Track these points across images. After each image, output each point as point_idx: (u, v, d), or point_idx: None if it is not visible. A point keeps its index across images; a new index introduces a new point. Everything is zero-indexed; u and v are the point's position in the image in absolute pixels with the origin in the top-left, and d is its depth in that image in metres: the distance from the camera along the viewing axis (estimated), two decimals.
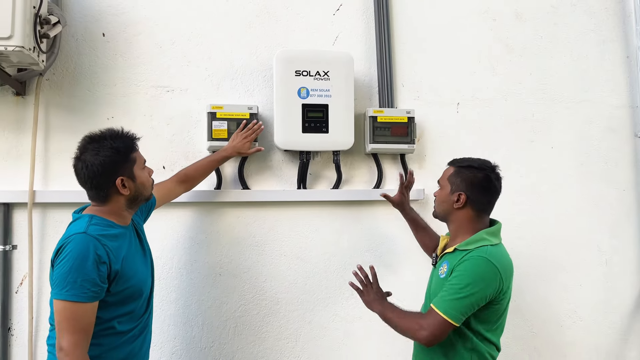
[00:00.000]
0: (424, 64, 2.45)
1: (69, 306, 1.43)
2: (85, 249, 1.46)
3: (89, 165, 1.54)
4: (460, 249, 1.65)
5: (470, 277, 1.54)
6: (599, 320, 2.50)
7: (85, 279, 1.44)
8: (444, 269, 1.67)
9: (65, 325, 1.43)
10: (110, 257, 1.50)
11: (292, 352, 2.25)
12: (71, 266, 1.44)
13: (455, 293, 1.54)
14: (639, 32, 2.62)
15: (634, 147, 2.60)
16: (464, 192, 1.68)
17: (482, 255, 1.57)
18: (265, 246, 2.26)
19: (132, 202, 1.65)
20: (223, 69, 2.29)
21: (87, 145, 1.58)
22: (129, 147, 1.63)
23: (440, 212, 1.77)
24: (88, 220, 1.55)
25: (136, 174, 1.62)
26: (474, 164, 1.72)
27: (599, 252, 2.52)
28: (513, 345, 2.42)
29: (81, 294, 1.43)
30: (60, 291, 1.44)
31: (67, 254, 1.46)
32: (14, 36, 1.77)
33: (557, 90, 2.55)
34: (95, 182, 1.56)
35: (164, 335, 2.16)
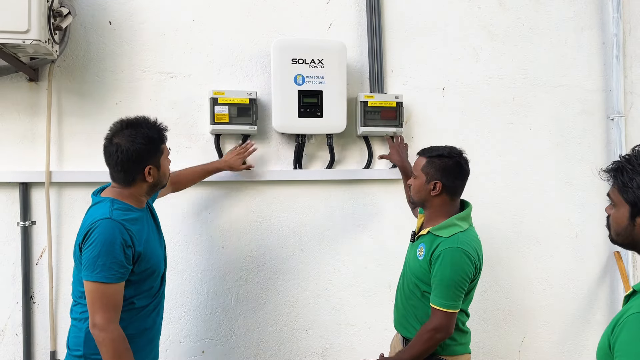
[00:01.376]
0: (412, 50, 2.60)
1: (100, 287, 1.56)
2: (112, 234, 1.57)
3: (124, 150, 1.63)
4: (434, 233, 1.84)
5: (451, 269, 1.74)
6: (568, 287, 2.75)
7: (113, 262, 1.56)
8: (422, 251, 1.87)
9: (99, 304, 1.55)
10: (134, 241, 1.63)
11: (289, 317, 2.48)
12: (100, 250, 1.55)
13: (445, 288, 1.75)
14: (615, 20, 2.77)
15: (606, 128, 2.79)
16: (440, 181, 1.85)
17: (455, 246, 1.76)
18: (265, 221, 2.45)
19: (152, 189, 1.76)
20: (223, 55, 2.43)
21: (123, 130, 1.67)
22: (161, 138, 1.74)
23: (418, 200, 1.94)
24: (110, 205, 1.64)
25: (162, 164, 1.74)
26: (444, 153, 1.89)
27: (569, 225, 2.74)
28: (489, 310, 2.67)
29: (111, 275, 1.56)
30: (92, 273, 1.55)
31: (96, 238, 1.57)
32: (31, 30, 1.89)
33: (536, 75, 2.72)
34: (126, 167, 1.65)
35: (172, 303, 2.36)
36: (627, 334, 1.09)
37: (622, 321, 1.12)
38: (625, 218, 1.21)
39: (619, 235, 1.25)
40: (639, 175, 1.17)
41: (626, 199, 1.20)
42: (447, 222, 1.85)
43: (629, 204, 1.20)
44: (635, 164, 1.19)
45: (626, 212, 1.21)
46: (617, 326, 1.13)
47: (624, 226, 1.22)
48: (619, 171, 1.22)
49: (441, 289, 1.76)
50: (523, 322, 2.71)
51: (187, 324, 2.38)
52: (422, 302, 1.88)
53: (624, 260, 2.73)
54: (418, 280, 1.87)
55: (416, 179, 1.92)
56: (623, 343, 1.09)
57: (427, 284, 1.84)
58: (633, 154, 1.21)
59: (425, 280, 1.84)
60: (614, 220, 1.25)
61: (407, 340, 1.94)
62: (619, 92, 2.75)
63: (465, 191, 2.50)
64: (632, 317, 1.10)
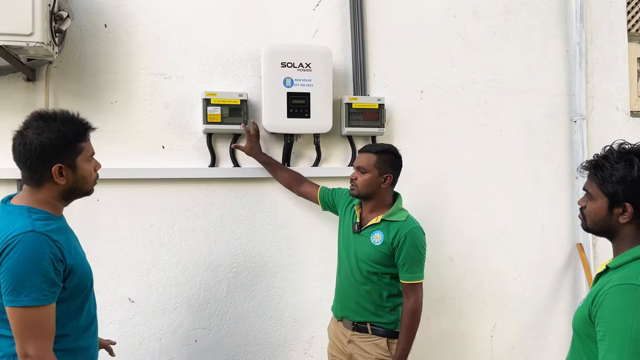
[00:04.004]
0: (393, 55, 2.76)
1: (31, 312, 1.34)
2: (39, 249, 1.36)
3: (27, 143, 1.42)
4: (388, 219, 2.09)
5: (418, 246, 2.08)
6: (535, 277, 2.96)
7: (43, 281, 1.35)
8: (378, 237, 2.08)
9: (30, 332, 1.34)
10: (63, 253, 1.42)
11: (278, 307, 2.61)
12: (26, 269, 1.33)
13: (417, 264, 2.06)
14: (578, 30, 3.00)
15: (569, 130, 3.02)
16: (391, 174, 2.12)
17: (415, 225, 2.11)
18: (254, 216, 2.58)
19: (68, 194, 1.53)
20: (215, 58, 2.55)
21: (32, 122, 1.46)
22: (78, 135, 1.50)
23: (366, 193, 2.14)
24: (28, 215, 1.41)
25: (79, 165, 1.50)
26: (391, 149, 2.19)
27: (537, 219, 2.96)
28: (464, 299, 2.86)
29: (42, 297, 1.35)
30: (18, 297, 1.33)
31: (19, 255, 1.34)
32: (34, 33, 1.97)
33: (506, 80, 2.93)
34: (30, 163, 1.44)
35: (166, 294, 2.47)
36: (609, 303, 1.25)
37: (604, 292, 1.28)
38: (604, 209, 1.38)
39: (596, 224, 1.42)
40: (617, 171, 1.34)
41: (605, 192, 1.36)
42: (394, 208, 2.12)
43: (608, 197, 1.36)
44: (613, 161, 1.36)
45: (604, 203, 1.37)
46: (598, 297, 1.29)
47: (602, 216, 1.39)
48: (598, 167, 1.39)
49: (412, 265, 2.03)
50: (495, 310, 2.90)
51: (180, 314, 2.49)
52: (377, 286, 2.10)
53: (585, 251, 2.95)
54: (376, 264, 2.08)
55: (368, 174, 2.12)
56: (605, 312, 1.25)
57: (386, 266, 2.07)
58: (609, 153, 1.39)
59: (385, 263, 2.07)
60: (592, 212, 1.42)
61: (356, 324, 2.14)
62: (582, 96, 2.97)
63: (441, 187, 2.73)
64: (613, 289, 1.27)
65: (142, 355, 2.44)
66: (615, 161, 1.35)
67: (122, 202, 2.42)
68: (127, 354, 2.40)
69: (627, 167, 1.32)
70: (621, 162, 1.33)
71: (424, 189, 2.78)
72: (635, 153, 1.34)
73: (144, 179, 2.44)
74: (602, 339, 1.24)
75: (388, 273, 2.09)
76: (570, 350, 1.45)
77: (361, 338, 2.14)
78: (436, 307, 2.82)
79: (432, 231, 2.78)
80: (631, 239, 1.35)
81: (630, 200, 1.32)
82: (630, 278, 1.26)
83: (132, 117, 2.44)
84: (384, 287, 2.10)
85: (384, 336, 2.11)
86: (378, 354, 2.10)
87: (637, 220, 1.34)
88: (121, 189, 2.41)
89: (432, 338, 2.81)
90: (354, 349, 2.15)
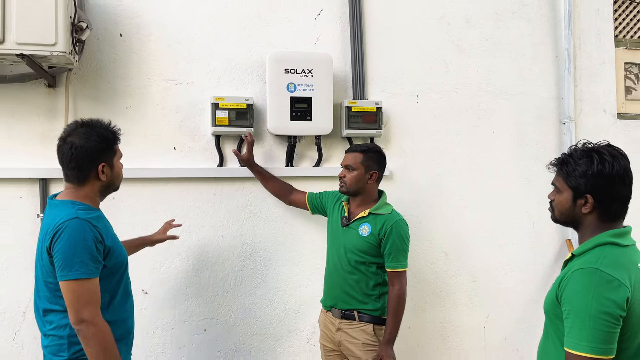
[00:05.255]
0: (390, 61, 2.93)
1: (82, 283, 1.61)
2: (83, 231, 1.63)
3: (77, 147, 1.70)
4: (375, 213, 2.27)
5: (406, 235, 2.27)
6: (526, 272, 3.11)
7: (89, 258, 1.62)
8: (366, 229, 2.25)
9: (83, 299, 1.60)
10: (102, 236, 1.69)
11: (282, 298, 2.77)
12: (75, 248, 1.60)
13: (402, 253, 2.25)
14: (567, 36, 3.15)
15: (558, 132, 3.17)
16: (377, 171, 2.30)
17: (400, 218, 2.29)
18: (259, 213, 2.74)
19: (105, 190, 1.83)
20: (223, 65, 2.71)
21: (77, 129, 1.74)
22: (115, 139, 1.82)
23: (354, 189, 2.31)
24: (72, 206, 1.69)
25: (115, 164, 1.82)
26: (375, 148, 2.37)
27: (527, 216, 3.11)
28: (458, 292, 3.01)
29: (89, 271, 1.62)
30: (70, 272, 1.60)
31: (68, 238, 1.61)
32: (58, 43, 2.15)
33: (498, 84, 3.08)
34: (80, 163, 1.71)
35: (177, 286, 2.63)
36: (572, 285, 1.41)
37: (568, 276, 1.43)
38: (569, 201, 1.53)
39: (562, 215, 1.58)
40: (580, 167, 1.50)
41: (570, 185, 1.52)
42: (380, 202, 2.31)
43: (572, 189, 1.52)
44: (576, 157, 1.52)
45: (569, 196, 1.53)
46: (564, 280, 1.44)
47: (568, 207, 1.54)
48: (563, 163, 1.56)
49: (397, 254, 2.21)
50: (488, 303, 3.05)
51: (191, 305, 2.65)
52: (364, 275, 2.27)
53: (574, 247, 3.10)
54: (364, 254, 2.25)
55: (355, 171, 2.29)
56: (569, 293, 1.40)
57: (373, 256, 2.25)
58: (574, 151, 1.55)
59: (372, 253, 2.25)
60: (559, 203, 1.58)
61: (344, 312, 2.30)
62: (570, 99, 3.13)
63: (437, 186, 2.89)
64: (576, 272, 1.42)
65: (155, 343, 2.61)
66: (578, 157, 1.50)
67: (136, 199, 2.58)
68: (141, 343, 2.55)
69: (588, 162, 1.47)
70: (583, 159, 1.49)
71: (420, 188, 2.94)
72: (596, 151, 1.49)
73: (156, 178, 2.60)
74: (567, 317, 1.40)
75: (374, 263, 2.26)
76: (543, 333, 1.60)
77: (349, 325, 2.30)
78: (431, 300, 2.97)
79: (428, 227, 2.95)
80: (593, 228, 1.51)
81: (591, 192, 1.48)
82: (591, 262, 1.42)
83: (145, 121, 2.62)
84: (370, 276, 2.27)
85: (370, 322, 2.27)
86: (365, 339, 2.26)
87: (598, 211, 1.49)
88: (135, 188, 2.57)
89: (427, 329, 2.96)
90: (342, 335, 2.31)
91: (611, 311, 1.33)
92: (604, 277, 1.37)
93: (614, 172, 1.46)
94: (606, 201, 1.48)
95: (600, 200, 1.48)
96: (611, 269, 1.38)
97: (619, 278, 1.37)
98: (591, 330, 1.33)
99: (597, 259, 1.42)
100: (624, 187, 1.49)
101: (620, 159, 1.49)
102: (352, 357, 2.28)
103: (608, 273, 1.37)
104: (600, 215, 1.50)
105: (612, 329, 1.34)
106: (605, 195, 1.48)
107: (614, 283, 1.36)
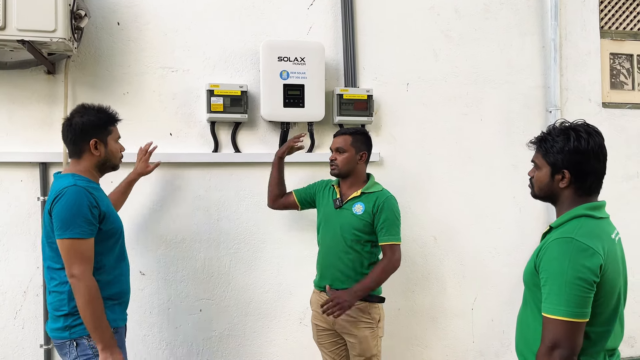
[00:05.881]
0: (381, 50, 3.01)
1: (75, 242, 1.79)
2: (80, 197, 1.82)
3: (73, 124, 1.93)
4: (367, 192, 2.37)
5: (395, 211, 2.37)
6: (513, 255, 3.20)
7: (84, 220, 1.80)
8: (360, 208, 2.35)
9: (75, 257, 1.79)
10: (98, 202, 1.87)
11: (275, 280, 2.86)
12: (71, 211, 1.79)
13: (395, 226, 2.33)
14: (553, 27, 3.23)
15: (545, 119, 3.26)
16: (366, 151, 2.41)
17: (390, 195, 2.40)
18: (253, 197, 2.82)
19: (102, 166, 2.01)
20: (217, 53, 2.79)
21: (78, 110, 1.99)
22: (110, 120, 2.03)
23: (346, 170, 2.40)
24: (72, 177, 1.90)
25: (109, 142, 2.00)
26: (362, 130, 2.49)
27: (514, 202, 3.20)
28: (447, 275, 3.10)
29: (82, 231, 1.80)
30: (66, 232, 1.78)
31: (65, 201, 1.80)
32: (57, 30, 2.23)
33: (486, 73, 3.16)
34: (74, 138, 1.94)
35: (174, 268, 2.72)
36: (550, 254, 1.49)
37: (546, 246, 1.52)
38: (547, 176, 1.62)
39: (541, 190, 1.66)
40: (557, 144, 1.58)
41: (548, 161, 1.61)
42: (370, 182, 2.42)
43: (550, 165, 1.60)
44: (554, 135, 1.61)
45: (548, 171, 1.61)
46: (541, 251, 1.53)
47: (546, 182, 1.63)
48: (542, 141, 1.65)
49: (390, 228, 2.30)
50: (475, 285, 3.15)
51: (187, 286, 2.74)
52: (359, 254, 2.35)
53: None
54: (360, 232, 2.34)
55: (345, 153, 2.39)
56: (547, 261, 1.49)
57: (368, 234, 2.34)
58: (552, 129, 1.64)
59: (367, 230, 2.34)
60: (538, 179, 1.66)
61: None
62: (556, 88, 3.21)
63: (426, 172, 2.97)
64: (553, 241, 1.51)
65: (152, 322, 2.69)
66: (556, 135, 1.59)
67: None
68: (138, 322, 2.65)
69: (565, 139, 1.56)
70: (561, 136, 1.58)
71: (410, 174, 3.02)
72: (572, 128, 1.58)
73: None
74: (544, 284, 1.49)
75: (369, 241, 2.34)
76: (522, 303, 1.70)
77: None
78: (421, 283, 3.06)
79: (417, 212, 3.04)
80: (569, 202, 1.60)
81: (567, 167, 1.56)
82: (567, 232, 1.50)
83: (142, 107, 2.69)
84: (365, 255, 2.35)
85: (365, 300, 2.35)
86: (359, 315, 2.34)
87: (574, 186, 1.58)
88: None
89: (417, 311, 3.06)
90: None
91: (586, 277, 1.42)
92: (579, 245, 1.46)
93: (589, 149, 1.55)
94: (582, 176, 1.57)
95: (576, 175, 1.57)
96: (586, 238, 1.47)
97: (593, 247, 1.46)
98: (567, 295, 1.42)
99: (573, 229, 1.51)
100: (599, 162, 1.58)
101: (595, 136, 1.57)
102: (347, 334, 2.36)
103: (583, 242, 1.46)
104: (577, 190, 1.59)
105: (586, 294, 1.43)
106: (581, 170, 1.57)
107: (588, 251, 1.45)
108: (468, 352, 3.14)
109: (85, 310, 1.79)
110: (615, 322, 1.52)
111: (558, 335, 1.42)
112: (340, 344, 2.44)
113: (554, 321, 1.44)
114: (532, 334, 1.56)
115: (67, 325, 1.86)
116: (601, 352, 1.51)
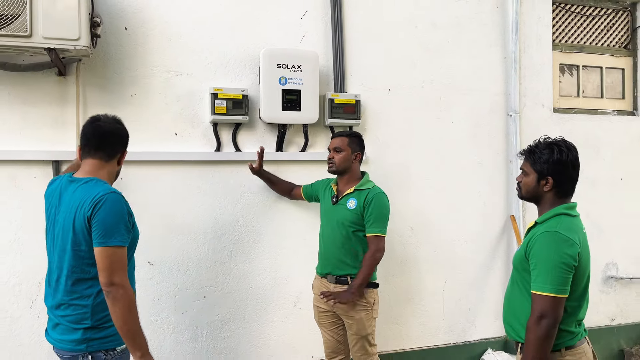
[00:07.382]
0: (366, 58, 3.30)
1: (118, 250, 1.79)
2: (121, 205, 1.84)
3: (121, 129, 1.97)
4: (359, 188, 2.67)
5: (384, 205, 2.66)
6: (478, 243, 3.62)
7: (124, 229, 1.83)
8: (353, 203, 2.65)
9: (117, 265, 1.78)
10: (130, 211, 1.90)
11: (272, 268, 3.13)
12: (115, 218, 1.80)
13: (382, 219, 2.62)
14: (514, 40, 3.64)
15: (506, 123, 3.67)
16: (360, 152, 2.71)
17: (380, 191, 2.68)
18: (252, 192, 3.06)
19: (115, 176, 2.05)
20: (218, 58, 2.99)
21: (111, 117, 1.99)
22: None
23: (343, 168, 2.70)
24: (103, 183, 1.88)
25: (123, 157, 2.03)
26: (357, 134, 2.78)
27: (479, 196, 3.61)
28: (421, 261, 3.48)
29: (123, 240, 1.82)
30: (110, 239, 1.78)
31: (110, 209, 1.79)
32: (81, 38, 2.37)
33: (457, 81, 3.54)
34: (114, 141, 1.94)
35: (180, 258, 2.93)
36: (539, 245, 1.86)
37: (535, 237, 1.88)
38: (534, 182, 1.99)
39: (528, 193, 2.03)
40: (544, 155, 1.95)
41: (536, 169, 1.98)
42: (364, 180, 2.72)
43: (537, 173, 1.98)
44: (541, 148, 1.98)
45: (534, 178, 1.99)
46: (531, 241, 1.90)
47: (533, 186, 2.00)
48: (531, 152, 2.02)
49: (376, 221, 2.60)
50: (446, 270, 3.55)
51: (192, 275, 2.96)
52: (354, 244, 2.66)
53: (517, 222, 3.65)
54: (353, 224, 2.64)
55: (342, 152, 2.69)
56: (535, 250, 1.86)
57: (361, 226, 2.64)
58: (539, 143, 2.00)
59: (359, 222, 2.64)
60: (525, 184, 2.03)
61: (338, 277, 2.68)
62: (516, 95, 3.64)
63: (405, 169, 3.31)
64: (541, 234, 1.87)
65: (160, 309, 2.90)
66: (542, 148, 1.97)
67: (140, 181, 2.84)
68: (147, 308, 2.85)
69: (550, 152, 1.94)
70: (547, 149, 1.96)
71: (392, 171, 3.36)
72: (555, 144, 1.96)
73: (159, 161, 2.87)
74: (534, 269, 1.86)
75: (362, 231, 2.65)
76: (510, 281, 2.07)
77: (342, 288, 2.68)
78: (399, 268, 3.42)
79: (397, 205, 3.37)
80: (550, 203, 1.98)
81: (551, 175, 1.95)
82: (551, 227, 1.88)
83: (149, 108, 2.86)
84: (359, 244, 2.65)
85: None
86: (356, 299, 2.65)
87: (555, 190, 1.96)
88: (139, 170, 2.83)
89: (396, 293, 3.42)
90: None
91: (567, 262, 1.81)
92: (562, 237, 1.84)
93: (569, 160, 1.94)
94: (562, 182, 1.96)
95: (557, 181, 1.95)
96: (566, 232, 1.86)
97: (572, 238, 1.85)
98: (553, 276, 1.79)
99: (556, 224, 1.89)
100: (575, 171, 1.98)
101: (573, 150, 1.98)
102: (345, 315, 2.67)
103: (564, 234, 1.85)
104: (557, 193, 1.98)
105: (567, 275, 1.81)
106: (561, 177, 1.95)
107: (569, 242, 1.83)
108: (439, 328, 3.54)
109: (128, 319, 1.79)
110: (585, 298, 1.92)
111: (545, 308, 1.79)
112: (338, 324, 2.76)
113: (542, 297, 1.81)
114: (520, 307, 1.94)
115: (86, 338, 1.84)
116: (574, 322, 1.90)
